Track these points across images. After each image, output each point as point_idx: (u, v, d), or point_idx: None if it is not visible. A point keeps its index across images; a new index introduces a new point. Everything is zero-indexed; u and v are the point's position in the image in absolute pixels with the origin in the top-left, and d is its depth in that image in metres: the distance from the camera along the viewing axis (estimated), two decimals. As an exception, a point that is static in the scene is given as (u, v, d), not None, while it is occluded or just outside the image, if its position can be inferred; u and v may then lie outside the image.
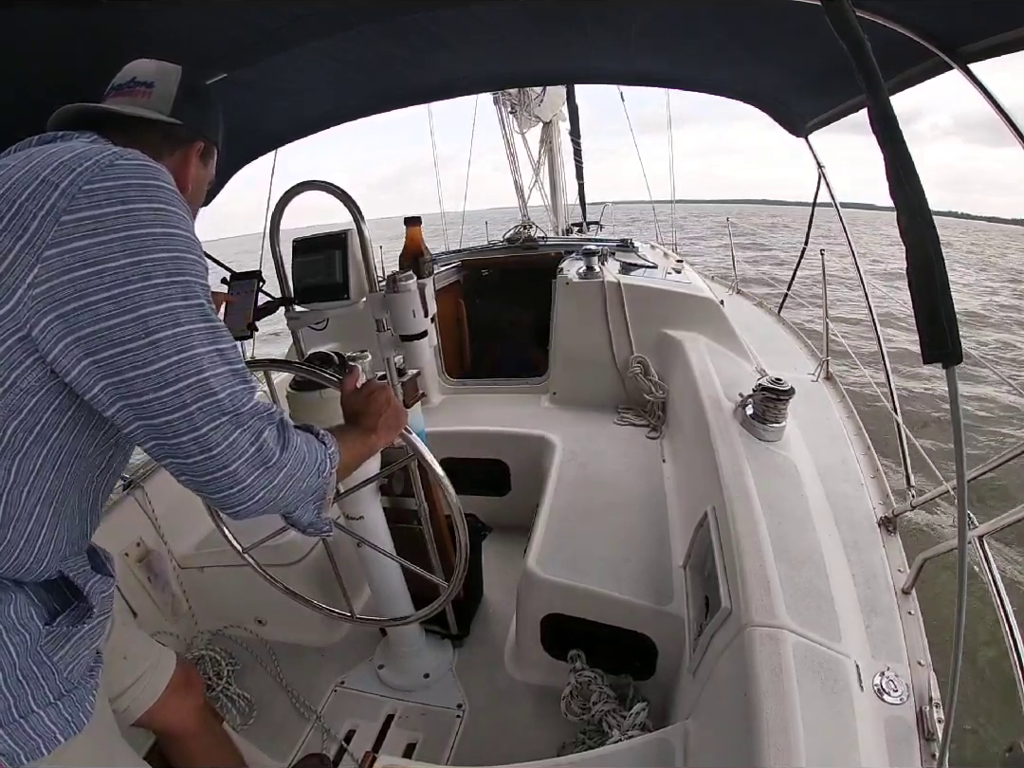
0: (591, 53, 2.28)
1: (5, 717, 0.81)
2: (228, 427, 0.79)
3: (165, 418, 0.76)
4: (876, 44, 0.77)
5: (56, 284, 0.71)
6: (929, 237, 0.76)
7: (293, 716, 1.98)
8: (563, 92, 6.14)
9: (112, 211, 0.74)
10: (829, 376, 2.72)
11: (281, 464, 0.85)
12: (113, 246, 0.73)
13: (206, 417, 0.77)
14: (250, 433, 0.81)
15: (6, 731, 0.81)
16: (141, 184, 0.77)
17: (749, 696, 1.05)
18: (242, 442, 0.80)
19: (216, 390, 0.78)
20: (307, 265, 1.56)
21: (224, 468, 0.79)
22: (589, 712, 1.69)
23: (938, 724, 1.07)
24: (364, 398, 1.22)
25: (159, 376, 0.75)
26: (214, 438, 0.77)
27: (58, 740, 0.86)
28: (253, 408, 0.83)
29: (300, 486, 0.91)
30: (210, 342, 0.79)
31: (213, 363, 0.79)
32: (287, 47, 1.68)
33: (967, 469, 0.81)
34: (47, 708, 0.86)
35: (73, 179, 0.74)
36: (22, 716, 0.83)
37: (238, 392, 0.81)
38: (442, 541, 1.91)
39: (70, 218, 0.72)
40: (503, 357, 4.07)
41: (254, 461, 0.81)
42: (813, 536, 1.45)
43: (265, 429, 0.83)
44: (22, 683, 0.83)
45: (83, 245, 0.72)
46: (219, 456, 0.78)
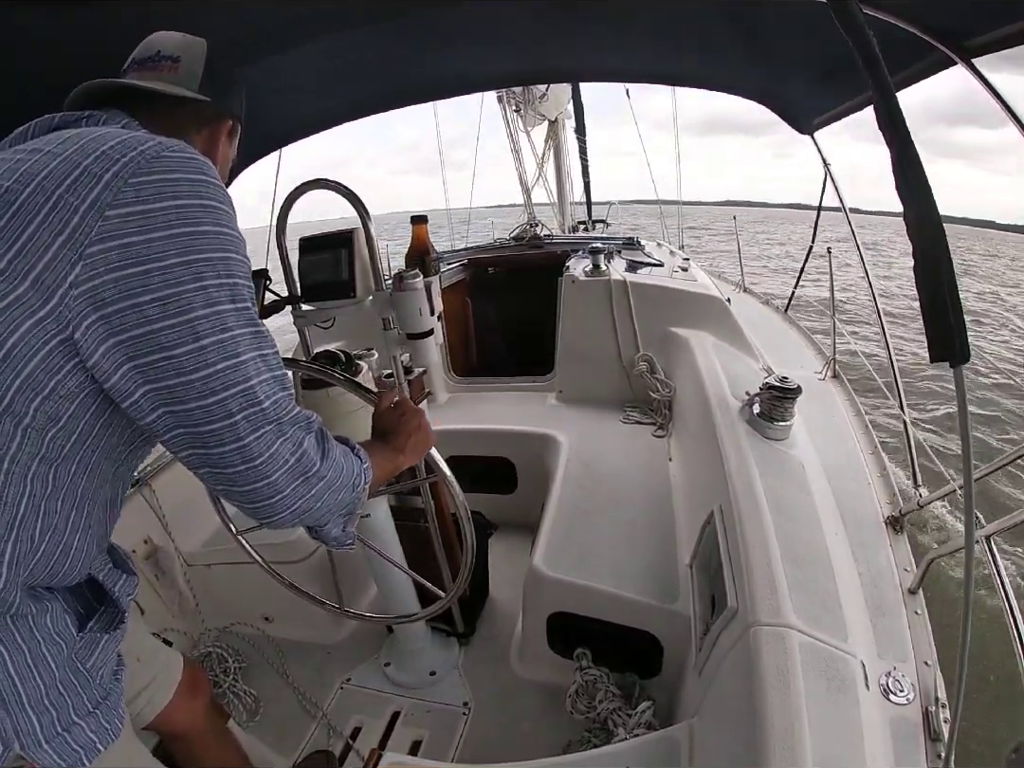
0: (596, 51, 2.28)
1: (49, 732, 0.78)
2: (271, 437, 0.77)
3: (209, 427, 0.74)
4: (881, 40, 0.77)
5: (100, 283, 0.68)
6: (936, 236, 0.76)
7: (299, 713, 1.98)
8: (568, 90, 6.13)
9: (160, 207, 0.71)
10: (836, 375, 2.71)
11: (321, 475, 0.84)
12: (162, 244, 0.70)
13: (251, 427, 0.75)
14: (291, 443, 0.80)
15: (52, 746, 0.78)
16: (191, 179, 0.74)
17: (755, 695, 1.05)
18: (283, 452, 0.79)
19: (261, 399, 0.77)
20: (313, 263, 1.56)
21: (266, 478, 0.78)
22: (595, 710, 1.69)
23: (944, 724, 1.07)
24: (397, 419, 1.22)
25: (204, 384, 0.73)
26: (257, 448, 0.76)
27: (98, 750, 0.84)
28: (294, 417, 0.82)
29: (336, 498, 0.90)
30: (255, 348, 0.77)
31: (258, 370, 0.77)
32: (290, 46, 1.68)
33: (974, 468, 0.80)
34: (87, 718, 0.84)
35: (118, 171, 0.70)
36: (65, 729, 0.80)
37: (280, 400, 0.79)
38: (448, 539, 1.91)
39: (115, 213, 0.68)
40: (509, 355, 4.07)
41: (294, 471, 0.80)
42: (820, 535, 1.44)
43: (305, 439, 0.82)
44: (63, 695, 0.81)
45: (130, 242, 0.69)
46: (261, 466, 0.77)
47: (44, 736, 0.77)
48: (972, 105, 67.48)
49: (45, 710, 0.78)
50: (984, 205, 67.84)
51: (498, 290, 4.09)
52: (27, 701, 0.76)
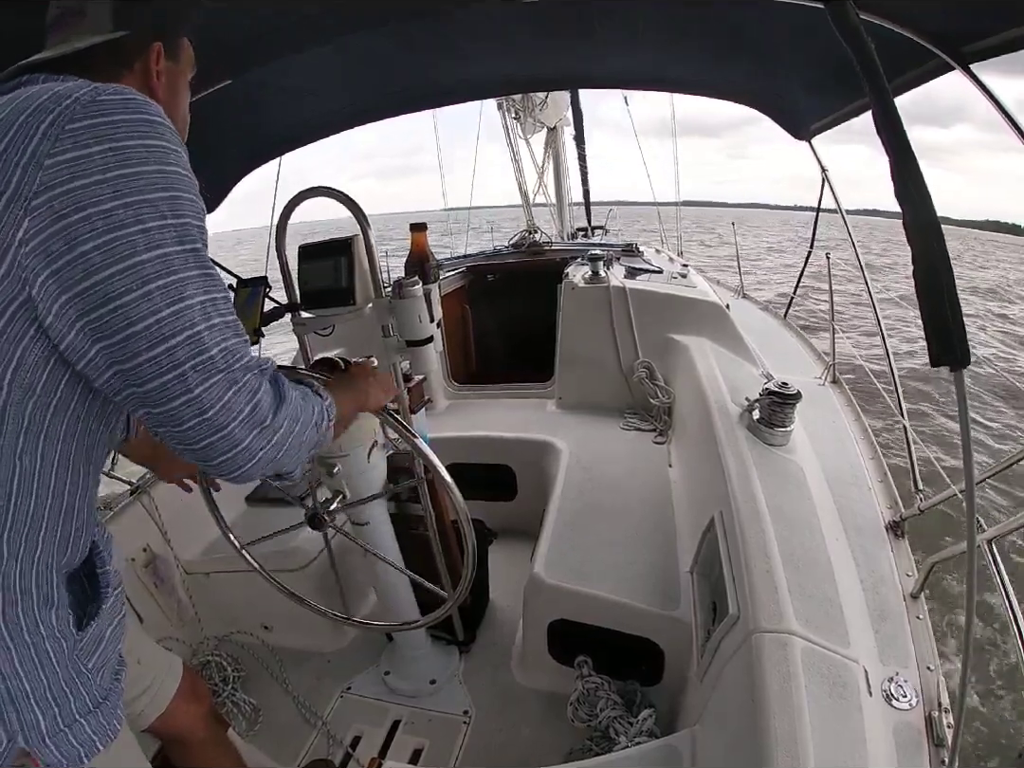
0: (594, 57, 2.29)
1: (52, 728, 0.79)
2: (222, 387, 0.74)
3: (157, 381, 0.71)
4: (878, 45, 0.77)
5: (47, 236, 0.66)
6: (935, 240, 0.76)
7: (299, 722, 1.97)
8: (567, 97, 6.15)
9: (99, 150, 0.67)
10: (836, 380, 2.71)
11: (278, 423, 0.81)
12: (102, 188, 0.67)
13: (200, 377, 0.72)
14: (246, 392, 0.76)
15: (53, 742, 0.79)
16: (129, 120, 0.71)
17: (757, 702, 1.04)
18: (237, 402, 0.75)
19: (208, 345, 0.73)
20: (313, 271, 1.56)
21: (221, 431, 0.75)
22: (596, 718, 1.68)
23: (947, 730, 1.06)
24: (349, 374, 1.28)
25: (151, 333, 0.69)
26: (208, 399, 0.73)
27: (97, 749, 0.85)
28: (246, 364, 0.78)
29: (300, 442, 0.87)
30: (203, 291, 0.74)
31: (207, 315, 0.74)
32: (290, 54, 1.69)
33: (975, 472, 0.80)
34: (88, 716, 0.84)
35: (53, 120, 0.67)
36: (67, 726, 0.81)
37: (231, 347, 0.76)
38: (449, 546, 1.91)
39: (54, 161, 0.66)
40: (508, 362, 4.07)
41: (251, 421, 0.77)
42: (821, 541, 1.44)
43: (260, 387, 0.79)
44: (66, 692, 0.81)
45: (70, 188, 0.66)
46: (214, 418, 0.73)
47: (47, 731, 0.78)
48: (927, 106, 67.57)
49: (49, 706, 0.78)
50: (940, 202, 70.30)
51: (497, 297, 4.10)
52: (32, 696, 0.77)
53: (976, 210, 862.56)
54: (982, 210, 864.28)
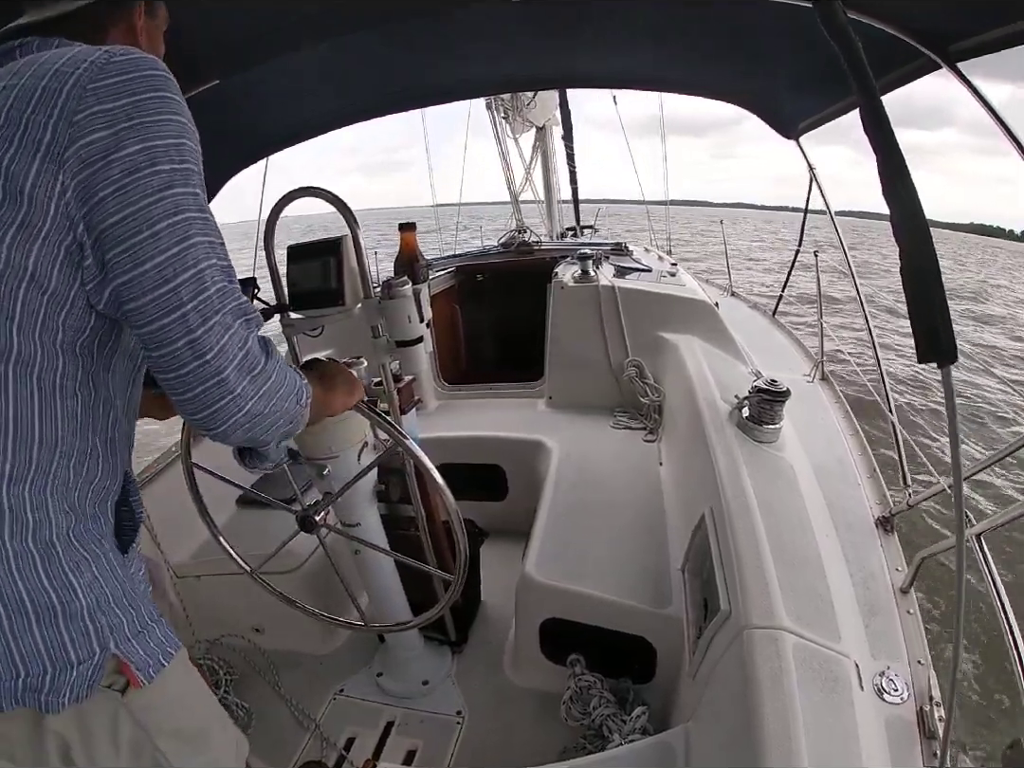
0: (583, 57, 2.29)
1: (133, 629, 0.85)
2: (220, 330, 0.77)
3: (161, 322, 0.75)
4: (865, 44, 0.78)
5: (78, 183, 0.72)
6: (923, 237, 0.76)
7: (292, 725, 1.96)
8: (556, 97, 6.15)
9: (120, 104, 0.73)
10: (825, 377, 2.73)
11: (267, 373, 0.84)
12: (124, 134, 0.72)
13: (200, 318, 0.76)
14: (238, 338, 0.80)
15: (137, 642, 0.86)
16: (143, 75, 0.76)
17: (749, 698, 1.05)
18: (232, 346, 0.79)
19: (208, 284, 0.77)
20: (301, 272, 1.55)
21: (217, 375, 0.77)
22: (589, 717, 1.68)
23: (939, 723, 1.07)
24: (317, 372, 1.25)
25: (158, 273, 0.74)
26: (208, 341, 0.76)
27: (169, 653, 0.91)
28: (238, 307, 0.81)
29: (283, 406, 0.89)
30: (204, 233, 0.78)
31: (207, 255, 0.78)
32: (280, 53, 1.68)
33: (963, 467, 0.81)
34: (155, 623, 0.90)
35: (75, 81, 0.72)
36: (143, 628, 0.87)
37: (226, 289, 0.80)
38: (440, 547, 1.91)
39: (81, 116, 0.71)
40: (498, 362, 4.08)
41: (243, 366, 0.80)
42: (811, 537, 1.45)
43: (250, 336, 0.82)
44: (136, 598, 0.88)
45: (97, 138, 0.71)
46: (213, 361, 0.77)
47: (130, 632, 0.85)
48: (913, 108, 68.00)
49: (127, 609, 0.86)
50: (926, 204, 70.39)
51: (487, 297, 4.10)
52: (111, 599, 0.83)
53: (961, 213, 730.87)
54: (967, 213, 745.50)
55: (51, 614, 0.77)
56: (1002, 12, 1.25)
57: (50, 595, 0.77)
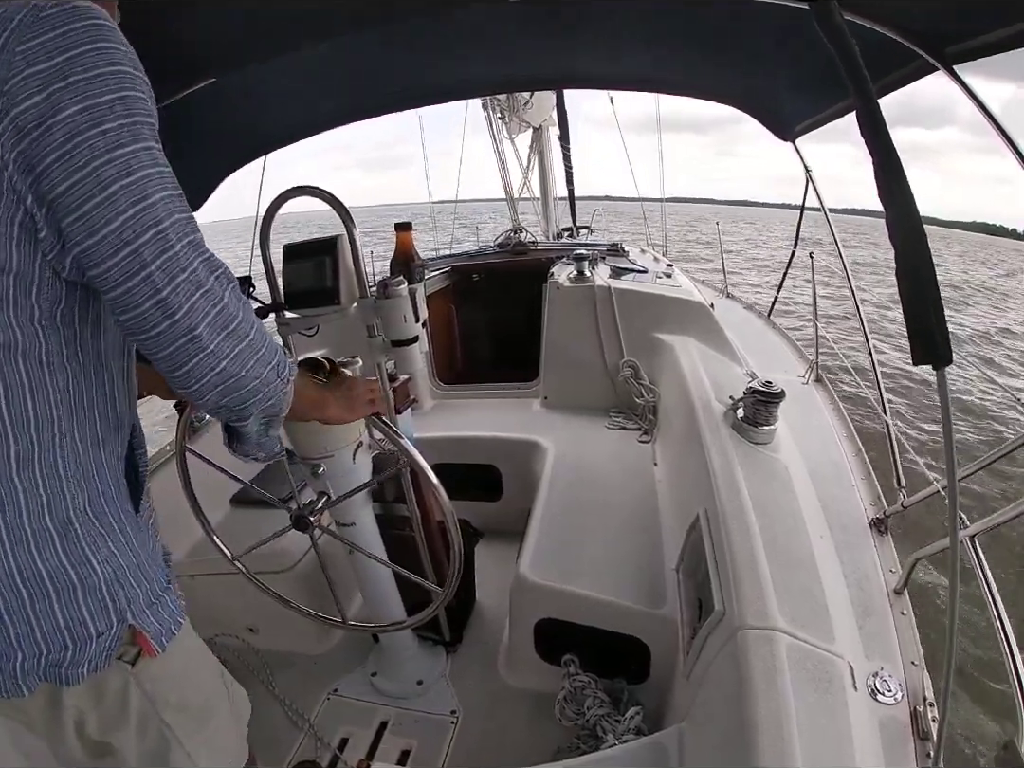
0: (580, 58, 2.29)
1: (147, 599, 0.88)
2: (188, 288, 0.74)
3: (125, 286, 0.72)
4: (862, 46, 0.78)
5: (18, 153, 0.68)
6: (918, 240, 0.77)
7: (286, 725, 1.96)
8: (552, 97, 6.15)
9: (53, 64, 0.67)
10: (819, 378, 2.73)
11: (243, 330, 0.80)
12: (60, 95, 0.67)
13: (166, 277, 0.72)
14: (212, 295, 0.76)
15: (151, 612, 0.88)
16: (74, 29, 0.69)
17: (743, 698, 1.05)
18: (203, 304, 0.75)
19: (173, 241, 0.73)
20: (297, 271, 1.55)
21: (189, 333, 0.74)
22: (583, 717, 1.68)
23: (932, 723, 1.07)
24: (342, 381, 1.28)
25: (117, 236, 0.70)
26: (176, 300, 0.72)
27: (179, 622, 0.95)
28: (209, 261, 0.78)
29: (261, 372, 0.84)
30: (162, 188, 0.73)
31: (168, 211, 0.73)
32: (278, 52, 1.68)
33: (957, 469, 0.81)
34: (167, 592, 0.93)
35: (3, 45, 0.66)
36: (156, 599, 0.90)
37: (194, 241, 0.76)
38: (435, 547, 1.90)
39: (12, 82, 0.66)
40: (494, 362, 4.08)
41: (217, 323, 0.76)
42: (805, 538, 1.45)
43: (225, 293, 0.78)
44: (149, 569, 0.90)
45: (32, 103, 0.66)
46: (183, 319, 0.73)
47: (145, 603, 0.87)
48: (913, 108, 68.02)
49: (142, 580, 0.88)
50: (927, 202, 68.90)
51: (483, 297, 4.10)
52: (128, 572, 0.85)
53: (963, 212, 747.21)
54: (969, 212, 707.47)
55: (70, 590, 0.79)
56: (999, 15, 1.25)
57: (69, 573, 0.79)
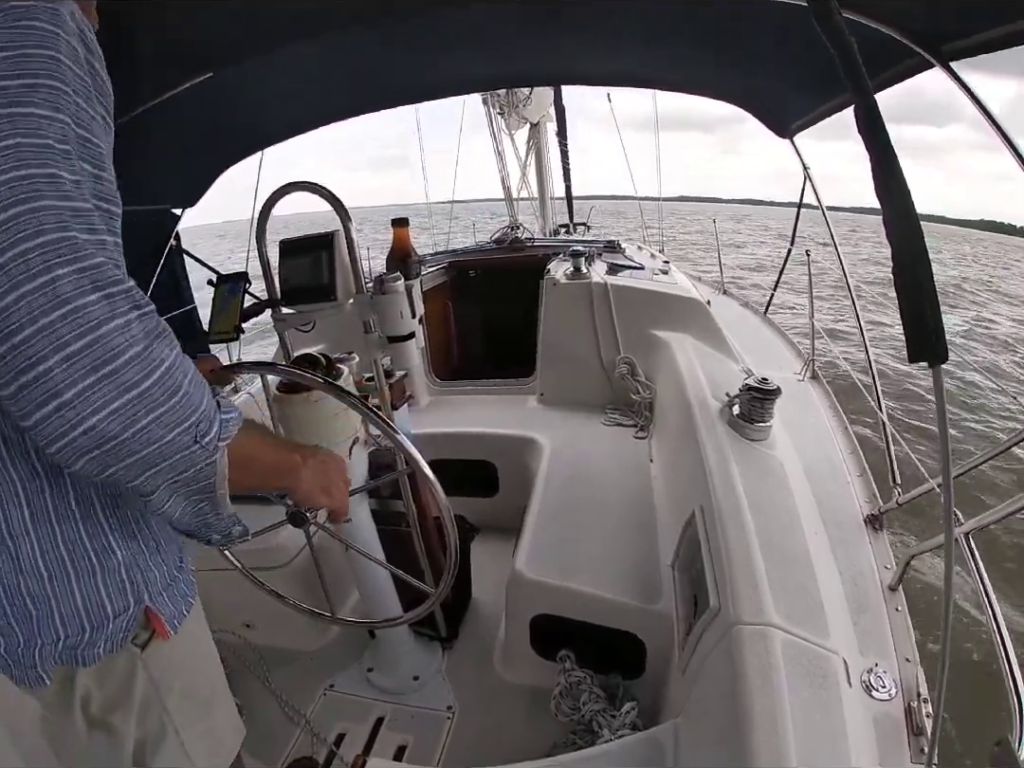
0: (578, 54, 2.29)
1: (163, 582, 0.87)
2: (42, 299, 0.54)
3: None
4: (859, 43, 0.78)
5: None
6: (914, 237, 0.77)
7: (282, 720, 1.96)
8: (551, 94, 6.15)
9: None
10: (815, 375, 2.74)
11: (130, 374, 0.58)
12: None
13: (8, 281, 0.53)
14: (80, 318, 0.55)
15: (167, 595, 0.88)
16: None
17: (738, 694, 1.05)
18: (62, 329, 0.54)
19: (27, 233, 0.54)
20: (293, 266, 1.55)
21: (33, 367, 0.54)
22: (579, 712, 1.69)
23: (927, 719, 1.08)
24: (305, 451, 0.96)
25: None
26: (16, 314, 0.53)
27: (191, 603, 0.94)
28: (97, 272, 0.57)
29: (162, 435, 0.61)
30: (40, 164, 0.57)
31: (37, 193, 0.56)
32: (275, 47, 1.67)
33: (952, 466, 0.81)
34: (180, 573, 0.92)
35: None
36: (171, 581, 0.89)
37: (74, 243, 0.57)
38: (431, 543, 1.91)
39: None
40: (490, 358, 4.08)
41: (83, 358, 0.55)
42: (800, 535, 1.45)
43: (114, 317, 0.57)
44: (166, 550, 0.88)
45: None
46: (22, 345, 0.53)
47: (161, 585, 0.87)
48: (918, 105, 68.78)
49: (159, 563, 0.87)
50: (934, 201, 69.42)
51: (479, 293, 4.10)
52: (147, 553, 0.85)
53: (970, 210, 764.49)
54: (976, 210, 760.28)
55: (90, 573, 0.78)
56: (996, 13, 1.26)
57: (90, 555, 0.78)
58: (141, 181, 2.39)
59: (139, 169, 2.29)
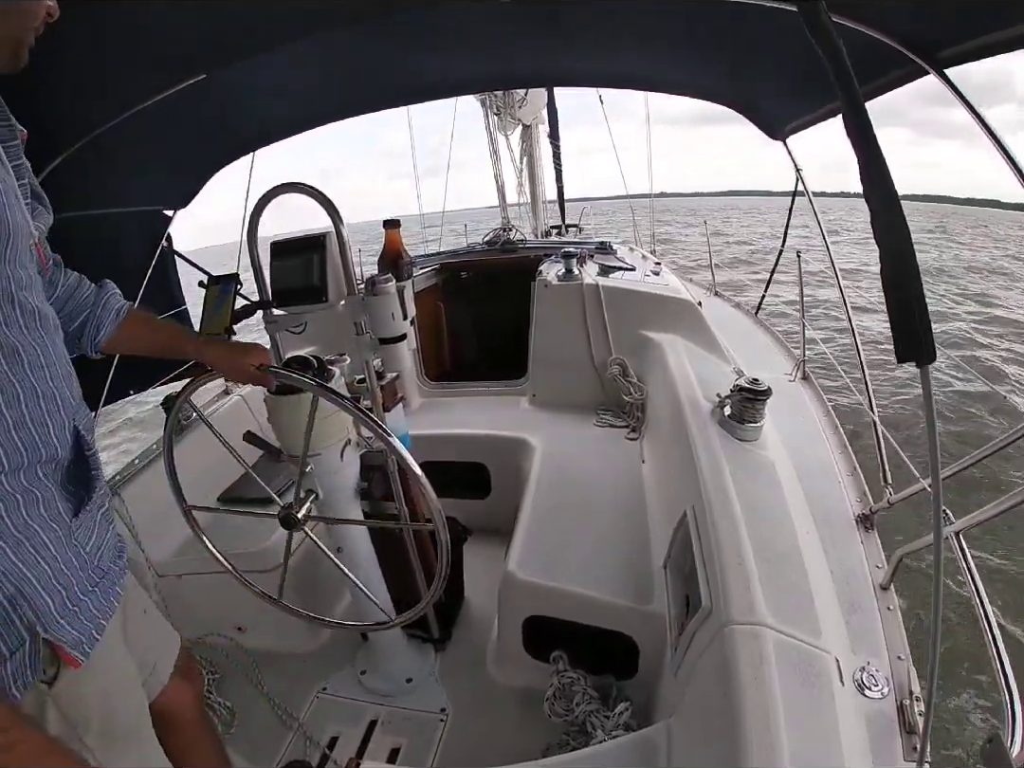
0: (571, 56, 2.29)
1: (63, 609, 0.84)
2: None
3: None
4: (853, 49, 0.78)
5: None
6: (902, 238, 0.77)
7: (275, 724, 1.96)
8: (544, 95, 6.17)
9: None
10: (806, 376, 2.75)
11: None
12: None
13: None
14: None
15: (67, 621, 0.84)
16: None
17: (731, 694, 1.05)
18: None
19: None
20: (285, 268, 1.55)
21: None
22: (573, 713, 1.69)
23: (919, 717, 1.08)
24: None
25: None
26: None
27: (103, 624, 0.91)
28: None
29: None
30: None
31: None
32: (268, 47, 1.67)
33: (941, 467, 0.82)
34: (89, 595, 0.89)
35: None
36: (75, 605, 0.86)
37: None
38: (423, 544, 1.91)
39: None
40: (482, 359, 4.08)
41: None
42: (792, 534, 1.46)
43: None
44: (68, 575, 0.85)
45: None
46: None
47: (58, 612, 0.84)
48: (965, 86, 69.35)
49: (56, 590, 0.83)
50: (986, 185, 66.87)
51: (471, 294, 4.10)
52: (38, 583, 0.81)
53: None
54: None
55: None
56: (991, 18, 1.26)
57: None
58: (133, 182, 2.39)
59: (131, 170, 2.29)
